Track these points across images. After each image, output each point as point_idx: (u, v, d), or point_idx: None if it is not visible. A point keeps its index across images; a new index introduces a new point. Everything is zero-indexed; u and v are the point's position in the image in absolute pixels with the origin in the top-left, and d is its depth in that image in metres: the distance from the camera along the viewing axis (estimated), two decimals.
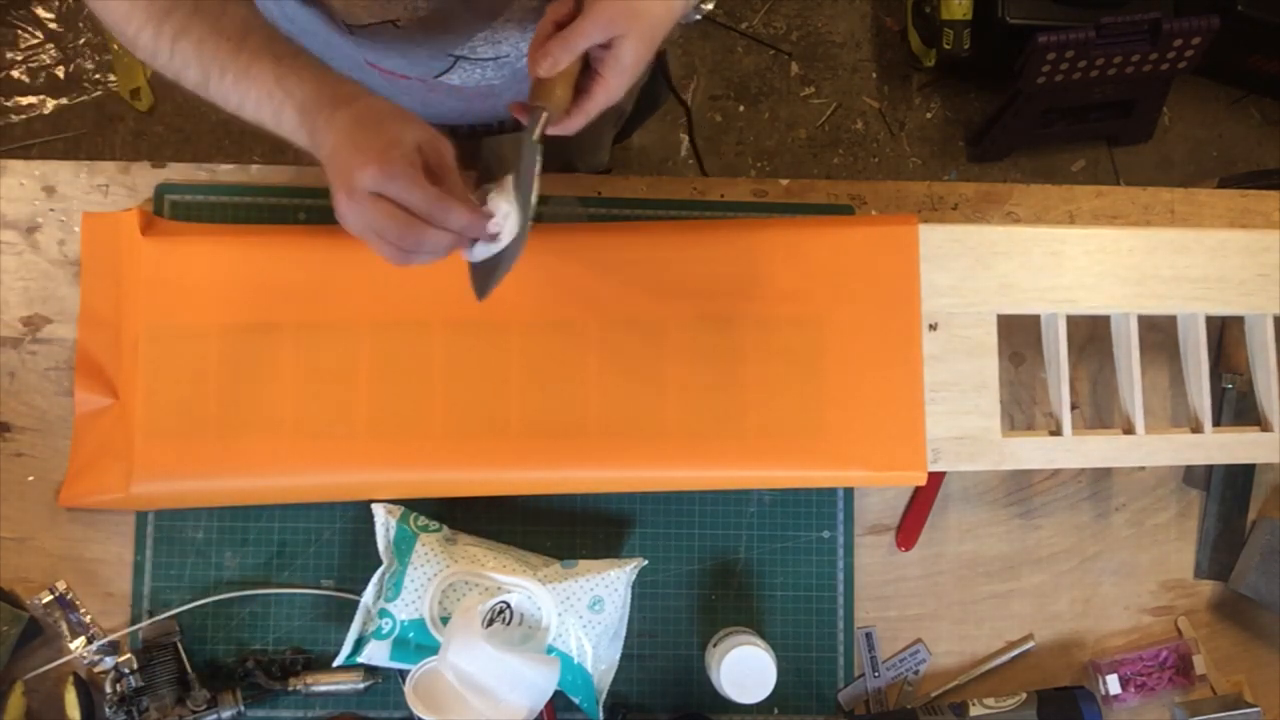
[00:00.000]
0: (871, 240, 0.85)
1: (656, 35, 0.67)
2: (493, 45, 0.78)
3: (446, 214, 0.62)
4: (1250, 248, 0.87)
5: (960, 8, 1.75)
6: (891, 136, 1.90)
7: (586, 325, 0.84)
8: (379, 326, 0.83)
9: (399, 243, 0.62)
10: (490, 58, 0.79)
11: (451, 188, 0.64)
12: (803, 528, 0.91)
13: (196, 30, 0.65)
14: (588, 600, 0.81)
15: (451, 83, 0.82)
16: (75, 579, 0.87)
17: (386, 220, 0.61)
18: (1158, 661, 0.92)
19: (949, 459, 0.85)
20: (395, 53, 0.78)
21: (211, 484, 0.82)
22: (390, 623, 0.81)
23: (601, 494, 0.90)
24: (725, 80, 1.90)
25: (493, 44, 0.77)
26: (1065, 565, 0.93)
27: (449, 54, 0.78)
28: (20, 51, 1.82)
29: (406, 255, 0.63)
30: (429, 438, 0.82)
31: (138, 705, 0.82)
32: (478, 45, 0.77)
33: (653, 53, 0.67)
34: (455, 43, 0.77)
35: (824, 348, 0.84)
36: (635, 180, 0.93)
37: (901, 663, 0.91)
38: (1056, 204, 0.97)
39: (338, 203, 0.62)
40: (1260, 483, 0.95)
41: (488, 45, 0.77)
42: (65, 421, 0.87)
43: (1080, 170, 1.92)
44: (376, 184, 0.60)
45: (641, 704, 0.89)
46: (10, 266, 0.89)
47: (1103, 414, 0.95)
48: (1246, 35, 1.75)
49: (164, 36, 0.65)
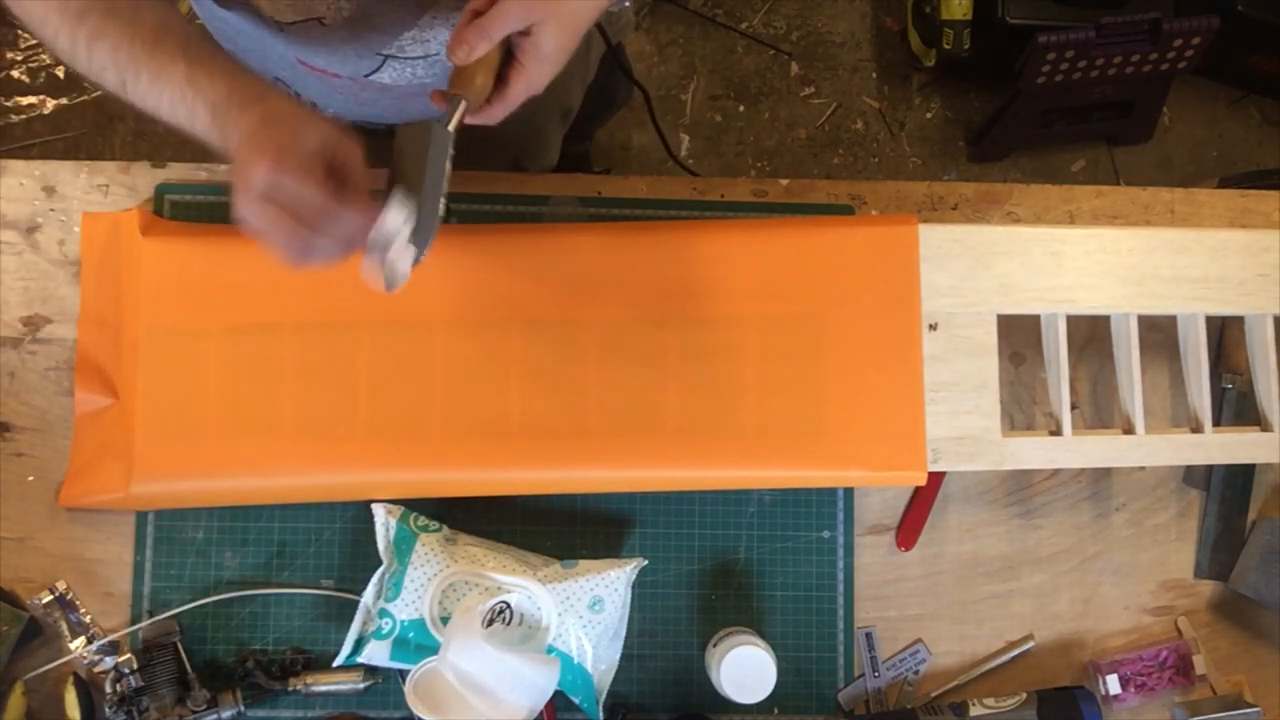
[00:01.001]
0: (871, 240, 0.85)
1: (579, 23, 0.66)
2: (421, 44, 0.77)
3: (334, 220, 0.62)
4: (1250, 248, 0.87)
5: (960, 8, 1.75)
6: (891, 136, 1.91)
7: (587, 325, 0.84)
8: (379, 326, 0.83)
9: (287, 245, 0.62)
10: (419, 56, 0.79)
11: (354, 190, 0.63)
12: (803, 528, 0.91)
13: (111, 33, 0.65)
14: (588, 600, 0.81)
15: (383, 81, 0.82)
16: (75, 579, 0.87)
17: (275, 222, 0.61)
18: (1158, 661, 0.92)
19: (949, 459, 0.85)
20: (324, 51, 0.78)
21: (211, 484, 0.82)
22: (390, 623, 0.81)
23: (601, 494, 0.90)
24: (725, 80, 1.90)
25: (420, 43, 0.77)
26: (1065, 565, 0.93)
27: (377, 53, 0.78)
28: (20, 51, 1.82)
29: (297, 257, 0.63)
30: (429, 438, 0.82)
31: (138, 705, 0.82)
32: (405, 44, 0.77)
33: (575, 41, 0.67)
34: (383, 42, 0.76)
35: (824, 348, 0.84)
36: (635, 180, 0.93)
37: (901, 663, 0.91)
38: (1056, 204, 0.97)
39: (234, 201, 0.61)
40: (1260, 483, 0.95)
41: (415, 44, 0.77)
42: (65, 421, 0.87)
43: (1080, 170, 1.92)
44: (267, 185, 0.60)
45: (641, 704, 0.89)
46: (10, 266, 0.89)
47: (1103, 414, 0.95)
48: (1246, 35, 1.75)
49: (80, 40, 0.65)
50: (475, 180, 0.92)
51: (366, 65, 0.80)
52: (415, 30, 0.76)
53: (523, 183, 0.93)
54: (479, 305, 0.84)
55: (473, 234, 0.86)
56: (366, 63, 0.79)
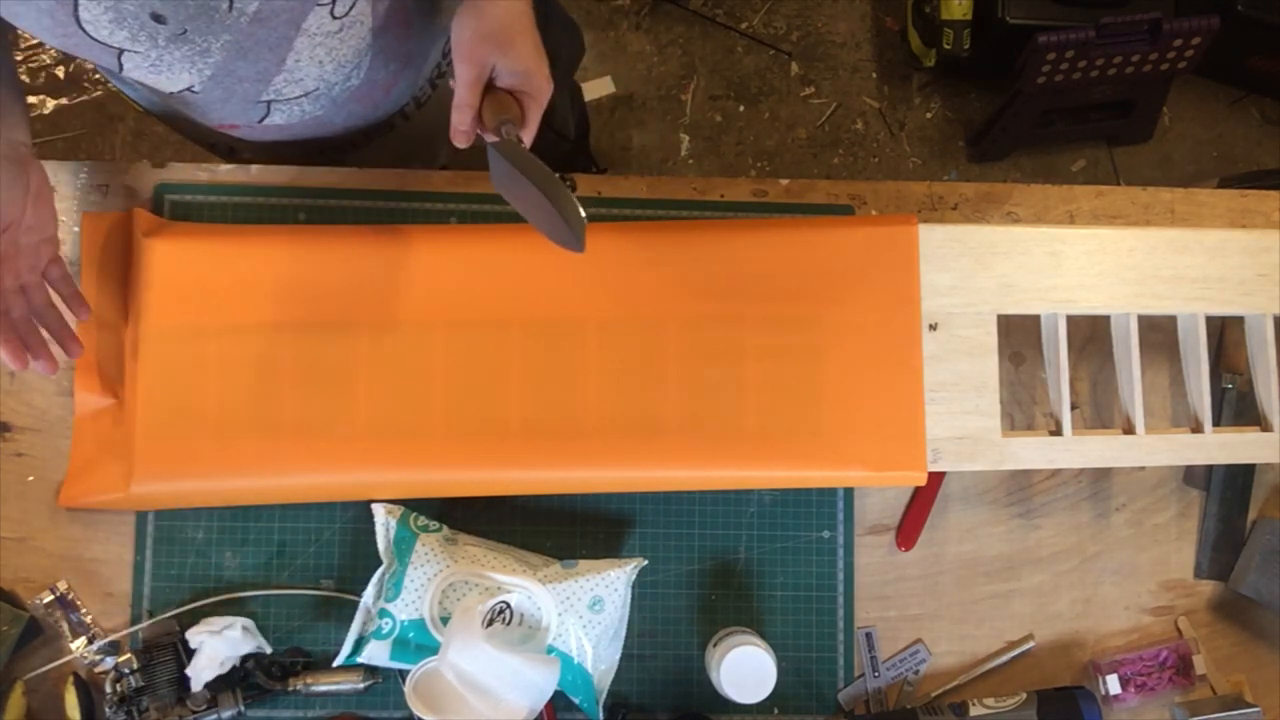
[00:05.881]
0: (871, 240, 0.85)
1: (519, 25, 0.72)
2: (296, 84, 0.79)
3: None
4: (1250, 248, 0.88)
5: (960, 8, 1.75)
6: (891, 136, 1.91)
7: (586, 325, 0.84)
8: (379, 326, 0.83)
9: None
10: (300, 95, 0.80)
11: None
12: (803, 528, 0.91)
13: None
14: (588, 600, 0.81)
15: (277, 123, 0.83)
16: (75, 579, 0.87)
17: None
18: (1158, 661, 0.92)
19: (949, 459, 0.85)
20: (213, 110, 0.80)
21: (211, 484, 0.82)
22: (390, 623, 0.81)
23: (601, 494, 0.90)
24: (725, 80, 1.90)
25: (295, 83, 0.78)
26: (1065, 565, 0.93)
27: (257, 101, 0.79)
28: (20, 51, 1.82)
29: None
30: (429, 438, 0.82)
31: (138, 705, 0.82)
32: (281, 88, 0.78)
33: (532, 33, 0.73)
34: (257, 91, 0.78)
35: (824, 348, 0.84)
36: (635, 180, 0.93)
37: (901, 663, 0.91)
38: (1056, 204, 0.97)
39: None
40: (1260, 483, 0.95)
41: (290, 85, 0.78)
42: (65, 421, 0.87)
43: (1080, 170, 1.92)
44: None
45: (641, 704, 0.89)
46: None
47: (1103, 414, 0.95)
48: (1246, 35, 1.75)
49: None
50: (475, 180, 0.92)
51: (255, 113, 0.81)
52: (283, 74, 0.77)
53: None
54: (479, 305, 0.84)
55: (473, 234, 0.86)
56: (254, 112, 0.81)
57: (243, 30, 0.69)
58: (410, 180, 0.92)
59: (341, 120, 0.86)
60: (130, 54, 0.68)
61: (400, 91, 0.88)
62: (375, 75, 0.82)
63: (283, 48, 0.73)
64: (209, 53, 0.70)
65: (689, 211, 0.93)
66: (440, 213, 0.91)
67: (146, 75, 0.71)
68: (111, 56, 0.68)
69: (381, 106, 0.88)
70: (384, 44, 0.80)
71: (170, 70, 0.71)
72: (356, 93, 0.82)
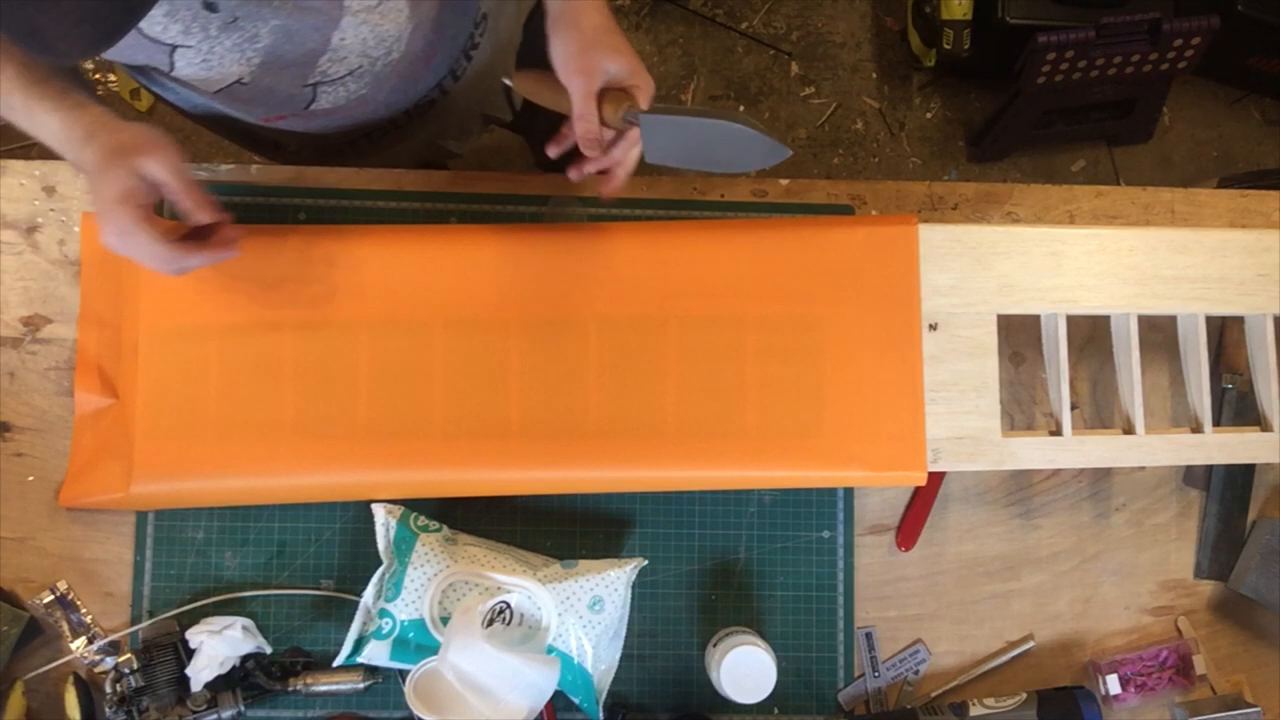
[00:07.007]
0: (871, 240, 0.85)
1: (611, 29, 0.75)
2: (340, 63, 0.79)
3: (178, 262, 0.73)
4: (1250, 248, 0.88)
5: (960, 8, 1.75)
6: (891, 136, 1.91)
7: (586, 325, 0.84)
8: (379, 326, 0.83)
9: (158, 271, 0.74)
10: (345, 74, 0.81)
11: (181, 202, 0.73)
12: (803, 528, 0.91)
13: None
14: (588, 600, 0.81)
15: (323, 107, 0.84)
16: (75, 579, 0.87)
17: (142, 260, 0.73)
18: (1158, 661, 0.92)
19: (949, 459, 0.85)
20: (259, 103, 0.81)
21: (211, 484, 0.82)
22: (390, 623, 0.81)
23: (601, 494, 0.90)
24: (725, 80, 1.90)
25: (340, 61, 0.79)
26: (1065, 565, 0.93)
27: (304, 85, 0.80)
28: None
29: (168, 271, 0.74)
30: (429, 438, 0.82)
31: (138, 705, 0.82)
32: (326, 68, 0.79)
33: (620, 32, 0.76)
34: (304, 75, 0.78)
35: (824, 348, 0.84)
36: (635, 180, 0.93)
37: (901, 663, 0.91)
38: (1056, 204, 0.97)
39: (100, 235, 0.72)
40: (1260, 483, 0.95)
41: (335, 64, 0.79)
42: (65, 421, 0.87)
43: (1080, 170, 1.92)
44: (119, 246, 0.72)
45: (641, 704, 0.89)
46: (10, 266, 0.89)
47: (1103, 414, 0.95)
48: (1246, 35, 1.75)
49: None
50: (475, 180, 0.92)
51: (302, 99, 0.82)
52: (329, 54, 0.77)
53: (523, 183, 0.93)
54: (479, 305, 0.84)
55: (473, 234, 0.86)
56: (300, 98, 0.81)
57: (290, 13, 0.71)
58: (410, 180, 0.92)
59: (384, 97, 0.87)
60: (183, 49, 0.69)
61: (438, 64, 0.89)
62: (414, 47, 0.83)
63: (328, 27, 0.74)
64: (257, 39, 0.71)
65: (689, 211, 0.93)
66: (440, 213, 0.91)
67: (198, 71, 0.72)
68: (164, 54, 0.69)
69: (422, 80, 0.89)
70: (421, 15, 0.81)
71: (221, 63, 0.72)
72: (398, 66, 0.83)
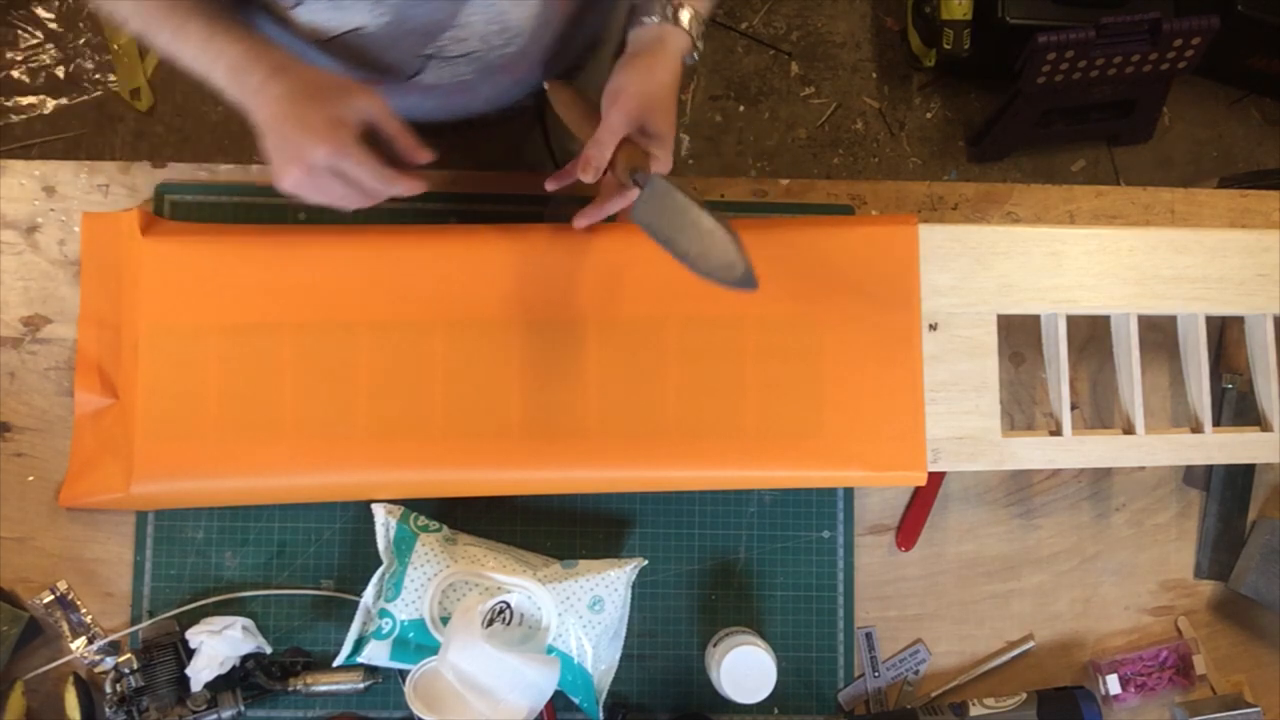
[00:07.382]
0: (871, 240, 0.85)
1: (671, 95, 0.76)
2: (460, 43, 0.79)
3: (392, 186, 0.69)
4: (1250, 248, 0.88)
5: (960, 8, 1.75)
6: (891, 136, 1.91)
7: (586, 325, 0.84)
8: (379, 326, 0.83)
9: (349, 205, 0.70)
10: (460, 55, 0.80)
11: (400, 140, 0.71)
12: (803, 528, 0.91)
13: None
14: (588, 600, 0.81)
15: (426, 82, 0.83)
16: (75, 579, 0.87)
17: (340, 192, 0.69)
18: (1158, 661, 0.92)
19: (949, 459, 0.85)
20: (367, 60, 0.80)
21: (211, 484, 0.82)
22: (390, 623, 0.81)
23: (601, 494, 0.90)
24: (725, 80, 1.90)
25: (460, 41, 0.78)
26: (1065, 565, 0.93)
27: (418, 55, 0.79)
28: (20, 51, 1.82)
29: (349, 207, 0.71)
30: (429, 438, 0.82)
31: (138, 705, 0.82)
32: (445, 44, 0.78)
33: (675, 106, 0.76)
34: (422, 44, 0.78)
35: (824, 348, 0.84)
36: None
37: (901, 663, 0.91)
38: (1056, 204, 0.97)
39: (287, 174, 0.67)
40: (1260, 483, 0.95)
41: (455, 43, 0.78)
42: (65, 421, 0.87)
43: (1080, 170, 1.92)
44: (330, 163, 0.66)
45: (641, 704, 0.89)
46: (10, 266, 0.89)
47: (1103, 414, 0.95)
48: (1246, 35, 1.75)
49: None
50: (476, 180, 0.92)
51: (409, 68, 0.81)
52: (453, 30, 0.77)
53: (523, 183, 0.93)
54: (479, 305, 0.84)
55: (473, 234, 0.86)
56: (409, 66, 0.81)
57: None
58: None
59: (484, 91, 0.86)
60: None
61: (545, 74, 0.88)
62: (531, 48, 0.82)
63: (460, 2, 0.74)
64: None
65: None
66: (440, 213, 0.91)
67: (322, 12, 0.71)
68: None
69: (524, 83, 0.88)
70: (548, 16, 0.80)
71: (350, 9, 0.71)
72: (509, 61, 0.83)
